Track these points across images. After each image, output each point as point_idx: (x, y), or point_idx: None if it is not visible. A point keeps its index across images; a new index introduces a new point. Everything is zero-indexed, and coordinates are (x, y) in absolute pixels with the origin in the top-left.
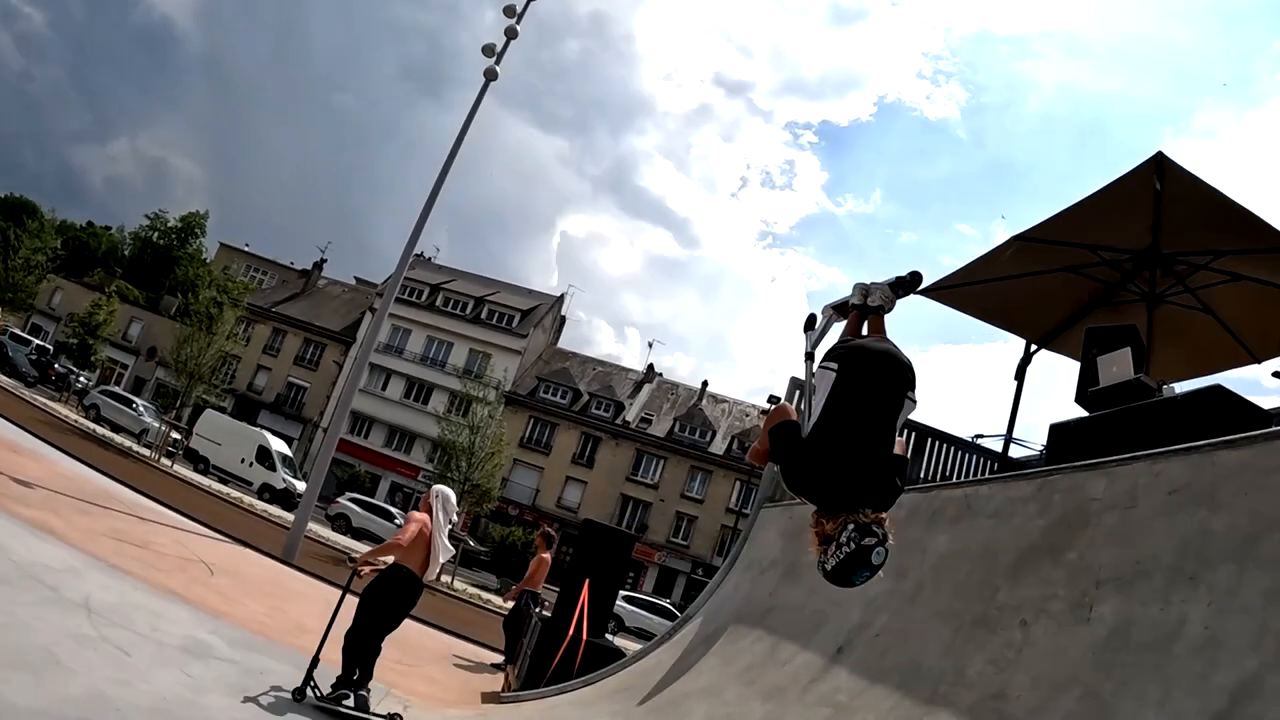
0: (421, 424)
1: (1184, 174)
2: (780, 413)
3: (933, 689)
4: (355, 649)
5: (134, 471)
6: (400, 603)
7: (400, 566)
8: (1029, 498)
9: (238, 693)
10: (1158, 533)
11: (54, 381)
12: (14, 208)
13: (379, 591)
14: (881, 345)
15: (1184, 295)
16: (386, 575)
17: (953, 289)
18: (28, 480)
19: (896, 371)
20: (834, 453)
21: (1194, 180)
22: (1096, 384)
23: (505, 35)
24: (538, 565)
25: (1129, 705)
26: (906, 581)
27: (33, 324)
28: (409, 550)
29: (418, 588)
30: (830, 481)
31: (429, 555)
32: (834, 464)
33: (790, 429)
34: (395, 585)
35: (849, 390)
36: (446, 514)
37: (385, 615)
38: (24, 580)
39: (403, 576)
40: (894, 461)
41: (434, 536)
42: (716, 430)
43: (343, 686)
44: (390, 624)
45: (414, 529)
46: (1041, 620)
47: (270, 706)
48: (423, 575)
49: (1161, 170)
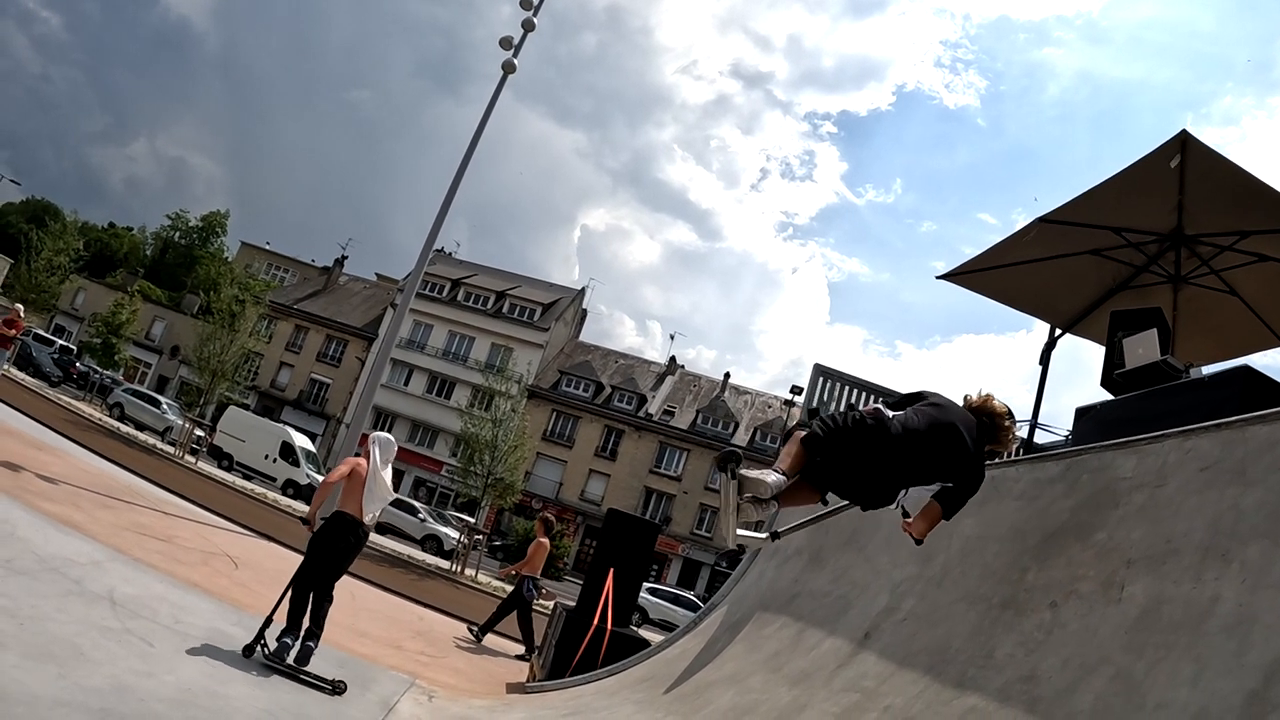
0: (444, 419)
1: (1209, 152)
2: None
3: (961, 672)
4: (296, 594)
5: (158, 468)
6: (339, 545)
7: (339, 512)
8: (1057, 478)
9: (261, 684)
10: (1188, 510)
11: (75, 380)
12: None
13: (318, 537)
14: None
15: (1209, 277)
16: (327, 521)
17: (976, 273)
18: (51, 476)
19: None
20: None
21: (1219, 159)
22: (1122, 367)
23: (522, 28)
24: (536, 549)
25: (1161, 685)
26: (933, 565)
27: (56, 324)
28: (347, 495)
29: (354, 528)
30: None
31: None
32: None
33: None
34: (333, 529)
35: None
36: (385, 457)
37: (325, 559)
38: (47, 573)
39: (339, 520)
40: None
41: (369, 478)
42: (739, 422)
43: (285, 635)
44: (332, 568)
45: (344, 469)
46: (1071, 601)
47: (294, 698)
48: (362, 518)
49: (1186, 149)
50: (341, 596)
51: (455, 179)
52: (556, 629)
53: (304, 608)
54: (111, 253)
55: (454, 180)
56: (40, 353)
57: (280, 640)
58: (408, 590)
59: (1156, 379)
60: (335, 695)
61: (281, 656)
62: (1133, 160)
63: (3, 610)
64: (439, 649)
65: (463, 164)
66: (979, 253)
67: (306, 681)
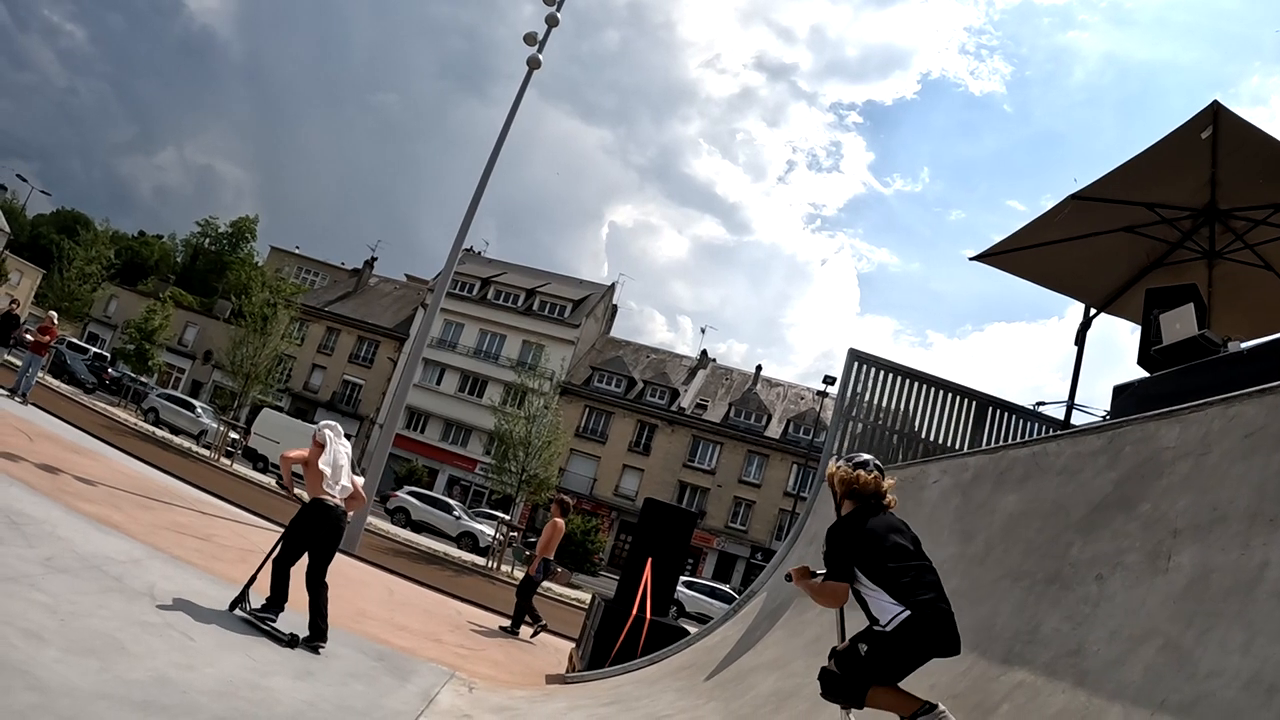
0: (477, 417)
1: (1241, 123)
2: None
3: (1007, 648)
4: (275, 575)
5: (194, 470)
6: (314, 530)
7: (313, 499)
8: (1099, 451)
9: (303, 675)
10: (1234, 477)
11: (108, 386)
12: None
13: (294, 522)
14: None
15: (1243, 252)
16: (303, 508)
17: (1009, 254)
18: (89, 478)
19: None
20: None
21: (1252, 130)
22: (1159, 343)
23: (546, 23)
24: (552, 530)
25: (1212, 653)
26: (974, 544)
27: (89, 332)
28: (311, 483)
29: (326, 512)
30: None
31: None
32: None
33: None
34: (306, 514)
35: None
36: (335, 436)
37: (299, 543)
38: (87, 571)
39: (311, 506)
40: None
41: (324, 462)
42: (772, 414)
43: (268, 610)
44: (308, 550)
45: (300, 453)
46: (1118, 573)
47: (335, 690)
48: (331, 500)
49: (1218, 120)
50: (379, 591)
51: (483, 177)
52: (595, 619)
53: (285, 586)
54: (142, 261)
55: (482, 179)
56: (74, 360)
57: (260, 611)
58: (445, 585)
59: (1195, 354)
60: (289, 648)
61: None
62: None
63: (44, 606)
64: (477, 642)
65: (490, 162)
66: (1011, 233)
67: (266, 631)
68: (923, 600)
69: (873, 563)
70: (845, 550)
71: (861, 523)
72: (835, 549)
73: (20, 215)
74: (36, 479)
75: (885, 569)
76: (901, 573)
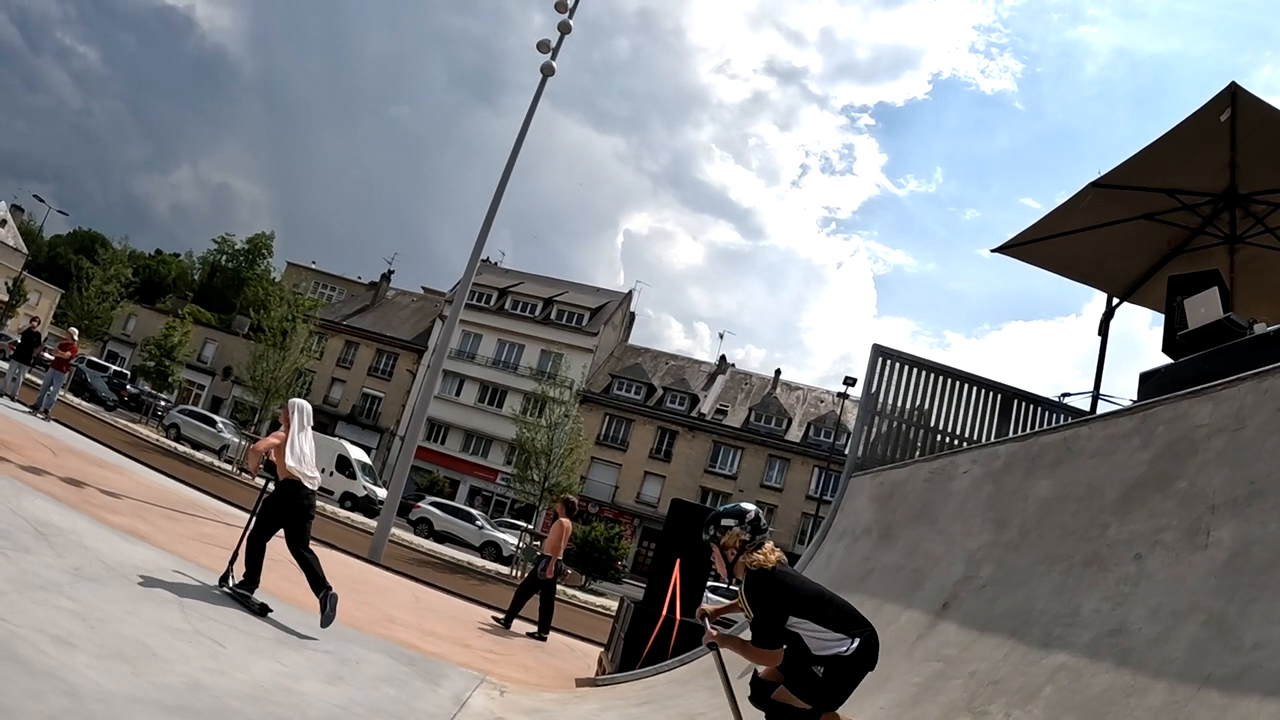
0: (497, 427)
1: (1260, 104)
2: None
3: (1047, 632)
4: (251, 551)
5: (217, 484)
6: (284, 508)
7: (283, 480)
8: (1131, 432)
9: (334, 679)
10: (1270, 450)
11: (127, 402)
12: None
13: (267, 501)
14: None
15: (1265, 236)
16: (277, 487)
17: (1030, 244)
18: (115, 491)
19: None
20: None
21: (1271, 111)
22: (1184, 329)
23: (558, 30)
24: (560, 530)
25: (1256, 625)
26: (1008, 530)
27: (109, 350)
28: (280, 463)
29: (294, 490)
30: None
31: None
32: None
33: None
34: (278, 494)
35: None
36: (301, 419)
37: (272, 522)
38: (115, 579)
39: (282, 485)
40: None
41: (289, 444)
42: (792, 418)
43: (245, 586)
44: (291, 529)
45: (272, 440)
46: (1156, 552)
47: (367, 694)
48: (300, 479)
49: (1236, 102)
50: (405, 598)
51: (499, 188)
52: (625, 622)
53: (260, 563)
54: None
55: (498, 189)
56: (95, 378)
57: (239, 588)
58: (470, 593)
59: (1220, 338)
60: (260, 617)
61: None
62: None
63: (73, 613)
64: (506, 646)
65: (505, 173)
66: (1032, 224)
67: (242, 602)
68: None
69: (807, 609)
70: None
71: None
72: (768, 610)
73: (38, 236)
74: (62, 491)
75: (820, 611)
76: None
